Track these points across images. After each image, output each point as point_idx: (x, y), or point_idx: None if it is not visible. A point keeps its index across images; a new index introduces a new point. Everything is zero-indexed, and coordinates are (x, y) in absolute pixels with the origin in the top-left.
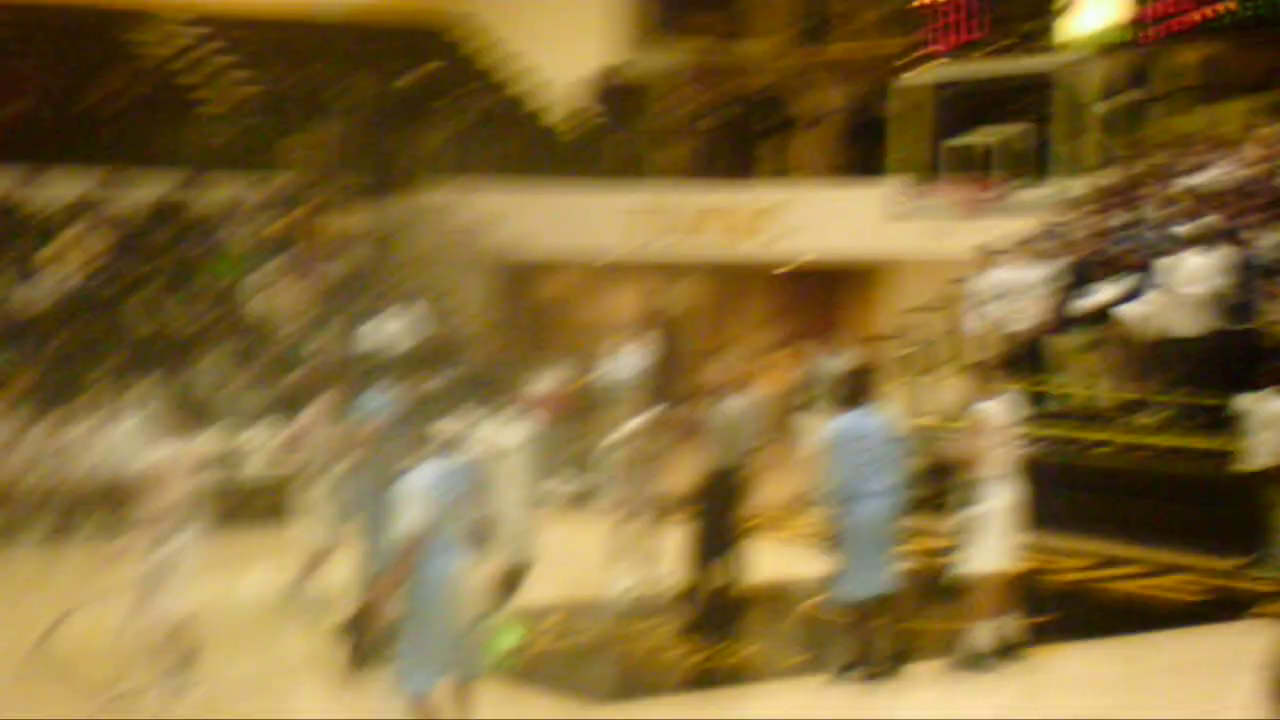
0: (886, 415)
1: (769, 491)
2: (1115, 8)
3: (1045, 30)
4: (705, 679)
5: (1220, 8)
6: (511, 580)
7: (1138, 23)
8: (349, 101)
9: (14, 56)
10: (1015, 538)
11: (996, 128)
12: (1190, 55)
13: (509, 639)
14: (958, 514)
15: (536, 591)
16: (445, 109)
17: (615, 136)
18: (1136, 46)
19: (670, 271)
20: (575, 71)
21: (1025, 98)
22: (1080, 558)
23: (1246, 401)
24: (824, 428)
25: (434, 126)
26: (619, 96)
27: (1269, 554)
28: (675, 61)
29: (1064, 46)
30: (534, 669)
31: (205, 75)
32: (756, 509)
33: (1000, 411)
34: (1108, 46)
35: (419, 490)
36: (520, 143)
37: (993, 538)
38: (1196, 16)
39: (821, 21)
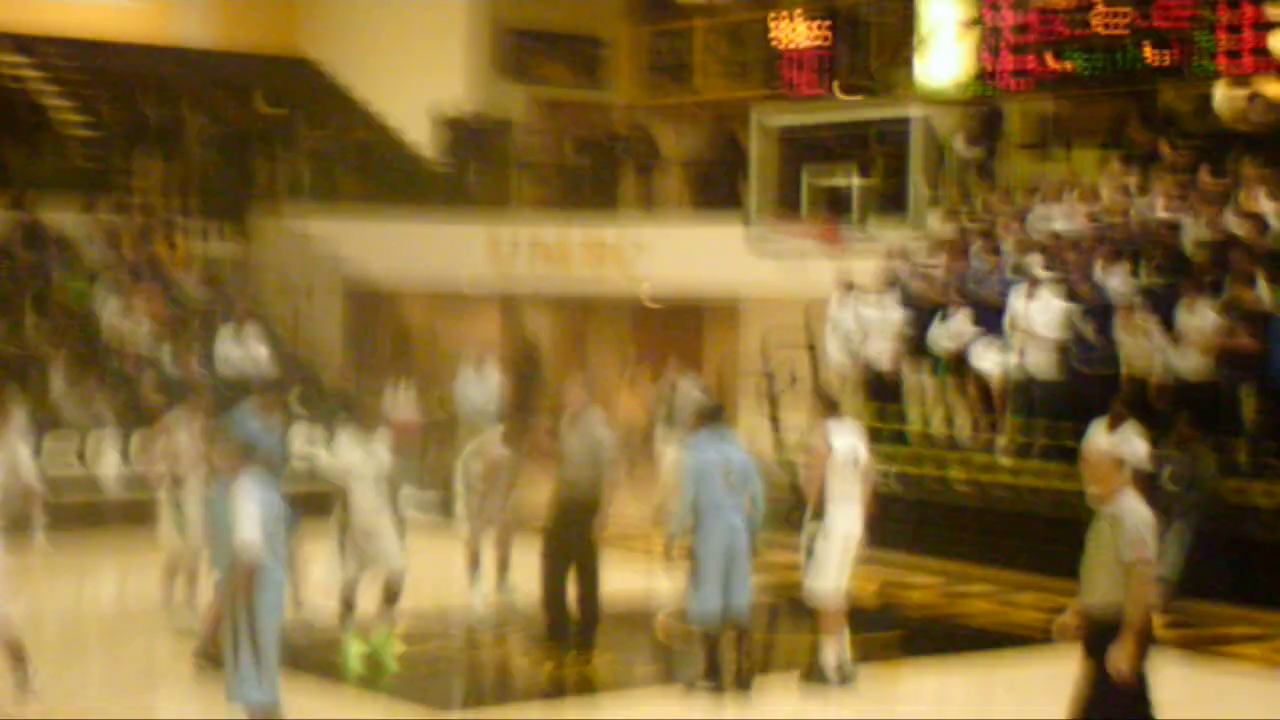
0: (739, 441)
1: (625, 509)
2: (968, 60)
3: (903, 78)
4: (557, 689)
5: (1066, 65)
6: (390, 591)
7: (990, 74)
8: (208, 126)
9: None
10: (853, 560)
11: (854, 170)
12: (1041, 106)
13: (389, 650)
14: (802, 536)
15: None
16: (304, 136)
17: (474, 169)
18: (989, 96)
19: (530, 301)
20: (431, 105)
21: (884, 141)
22: (933, 579)
23: (1100, 438)
24: (680, 450)
25: (293, 153)
26: (476, 131)
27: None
28: (531, 100)
29: (921, 94)
30: (387, 678)
31: (51, 94)
32: (612, 524)
33: (839, 437)
34: (963, 95)
35: (252, 504)
36: (379, 172)
37: (834, 559)
38: (1047, 68)
39: (677, 65)
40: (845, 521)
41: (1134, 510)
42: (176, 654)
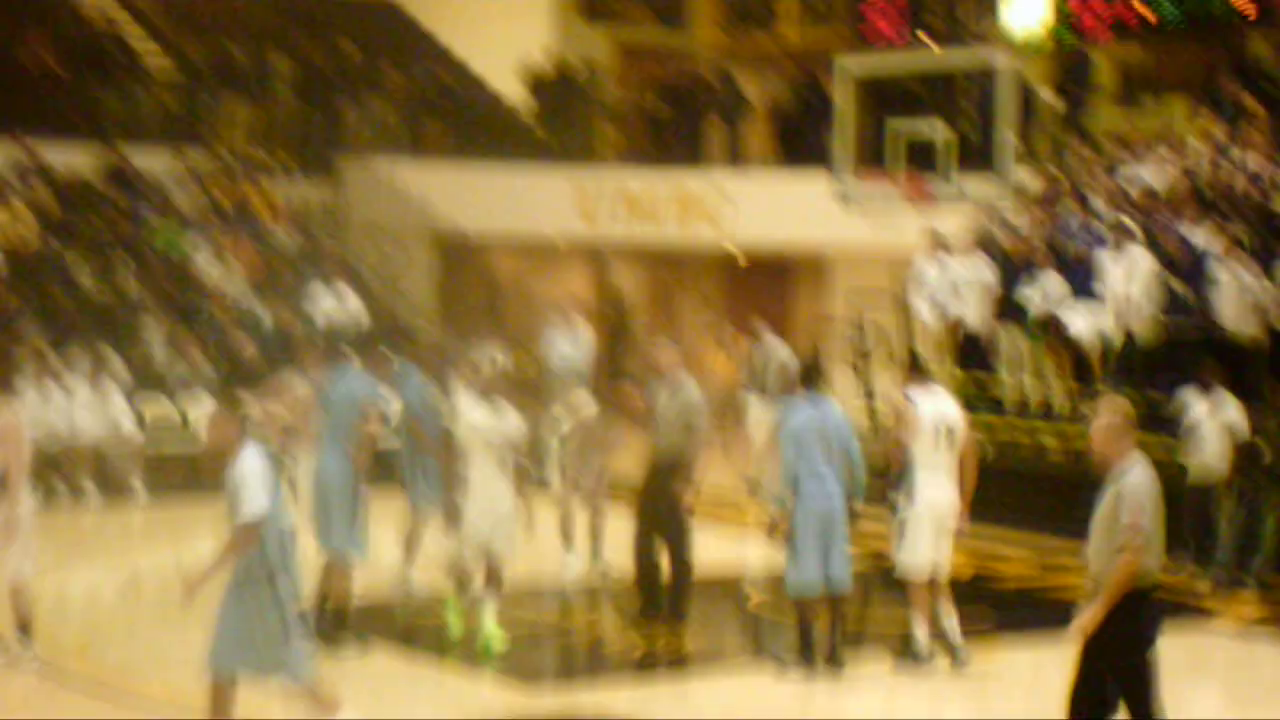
0: (837, 404)
1: (715, 475)
2: (1055, 7)
3: (990, 24)
4: (650, 665)
5: (1154, 13)
6: (495, 571)
7: (1079, 20)
8: (293, 73)
9: None
10: (948, 533)
11: (940, 121)
12: (1131, 53)
13: (495, 636)
14: (894, 510)
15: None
16: (390, 82)
17: (560, 118)
18: (1079, 43)
19: (617, 254)
20: (515, 54)
21: (970, 91)
22: (1026, 558)
23: (1196, 410)
24: (774, 415)
25: (379, 99)
26: (560, 79)
27: (1217, 560)
28: (613, 45)
29: (1008, 42)
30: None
31: (139, 36)
32: (702, 492)
33: (927, 404)
34: (1050, 44)
35: (256, 472)
36: (465, 120)
37: (923, 532)
38: (1136, 16)
39: (760, 8)
40: (932, 492)
41: (1140, 478)
42: None
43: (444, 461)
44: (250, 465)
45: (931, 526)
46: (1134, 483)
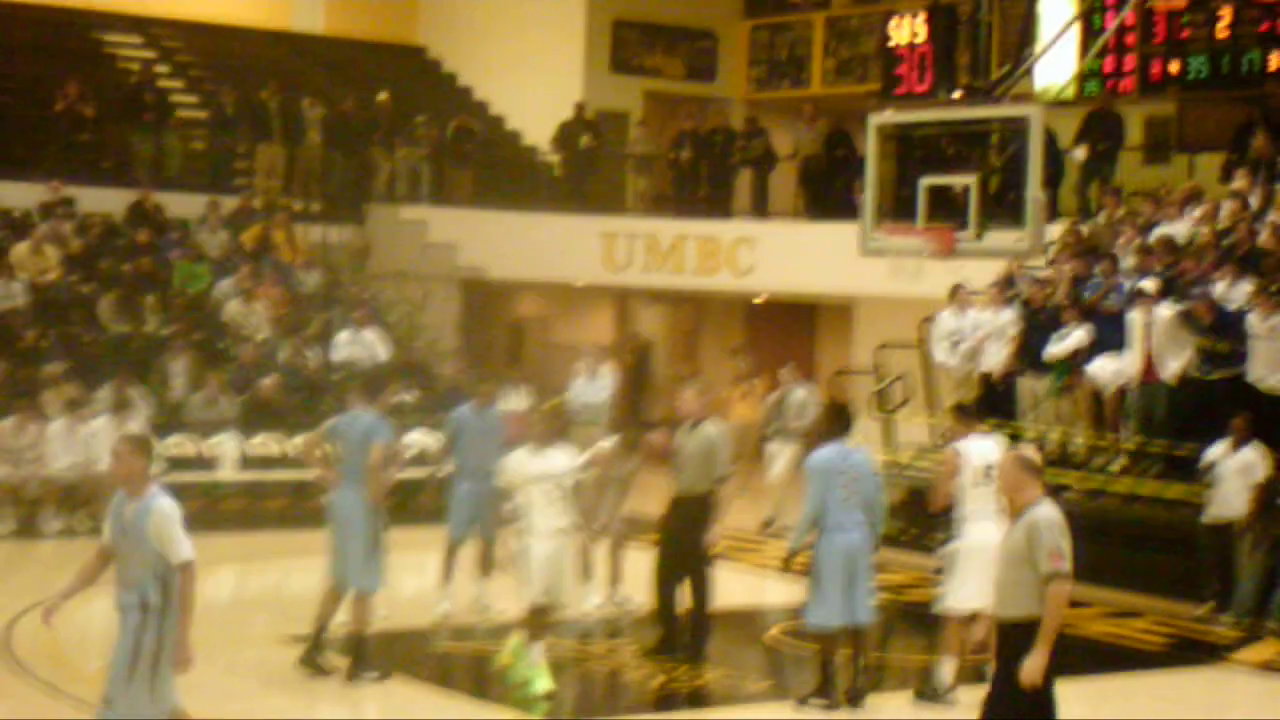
0: (864, 449)
1: (737, 518)
2: (1086, 62)
3: (1017, 77)
4: (668, 701)
5: (1186, 69)
6: (538, 620)
7: (1108, 75)
8: (323, 115)
9: None
10: (976, 579)
11: (970, 173)
12: (1161, 109)
13: (539, 683)
14: (940, 550)
15: (502, 608)
16: (419, 128)
17: (588, 164)
18: (1108, 98)
19: (643, 298)
20: (545, 104)
21: (1001, 144)
22: None
23: (1215, 452)
24: (796, 458)
25: (409, 144)
26: (589, 127)
27: (1235, 601)
28: (643, 95)
29: (1038, 97)
30: (496, 684)
31: (175, 85)
32: (724, 534)
33: (980, 450)
34: (1080, 99)
35: (175, 511)
36: (493, 165)
37: (970, 577)
38: (1166, 71)
39: (786, 64)
40: (981, 532)
41: (1050, 520)
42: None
43: (500, 512)
44: (166, 503)
45: (980, 565)
46: (1046, 515)
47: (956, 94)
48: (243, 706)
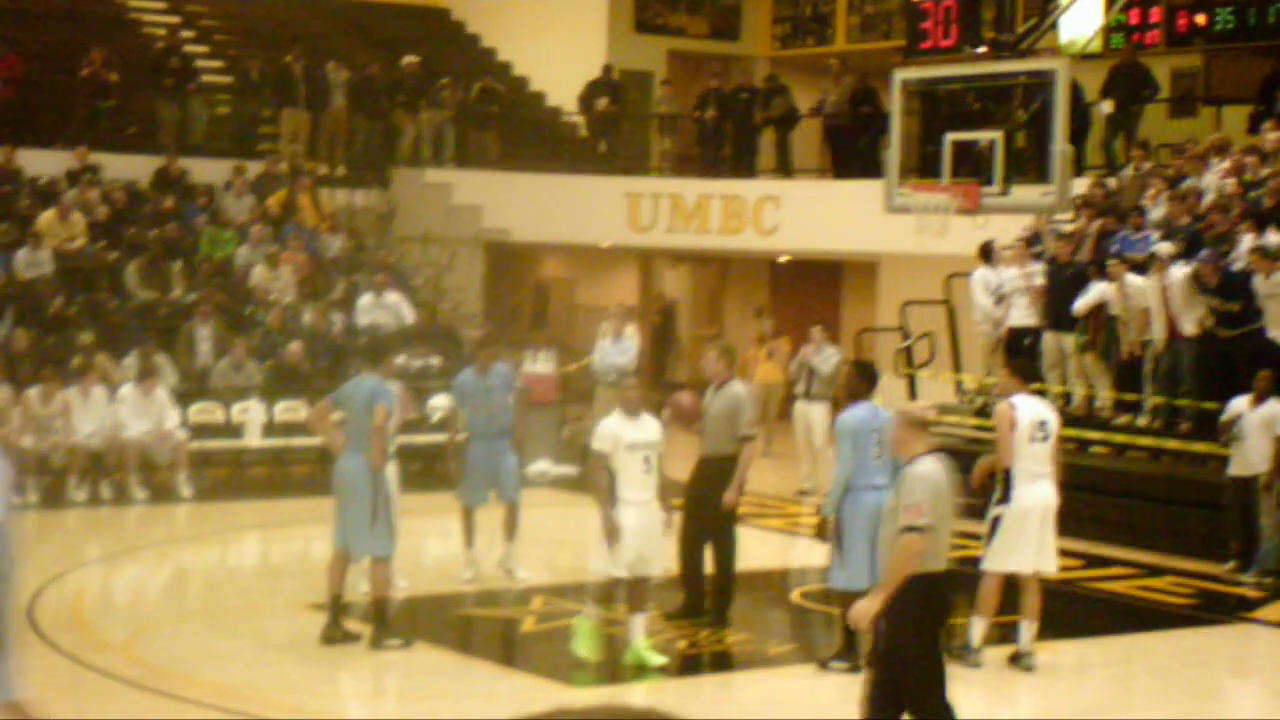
0: (890, 410)
1: (760, 480)
2: (1112, 12)
3: (1042, 31)
4: (691, 665)
5: (1211, 20)
6: (643, 588)
7: (1134, 28)
8: (348, 79)
9: (8, 24)
10: (1051, 537)
11: (995, 128)
12: (1187, 62)
13: (649, 652)
14: (986, 511)
15: (525, 574)
16: (443, 91)
17: (612, 125)
18: (1134, 51)
19: (668, 259)
20: (569, 64)
21: (1026, 98)
22: (1070, 557)
23: (1238, 406)
24: (825, 418)
25: (433, 107)
26: (614, 88)
27: (1259, 560)
28: (667, 55)
29: (1064, 50)
30: (521, 650)
31: (200, 51)
32: (747, 496)
33: (1032, 407)
34: (1106, 50)
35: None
36: (518, 127)
37: (1019, 537)
38: (1193, 22)
39: (810, 20)
40: (1034, 498)
41: (924, 475)
42: (305, 624)
43: (597, 480)
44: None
45: (1031, 524)
46: (918, 472)
47: (982, 49)
48: (269, 673)
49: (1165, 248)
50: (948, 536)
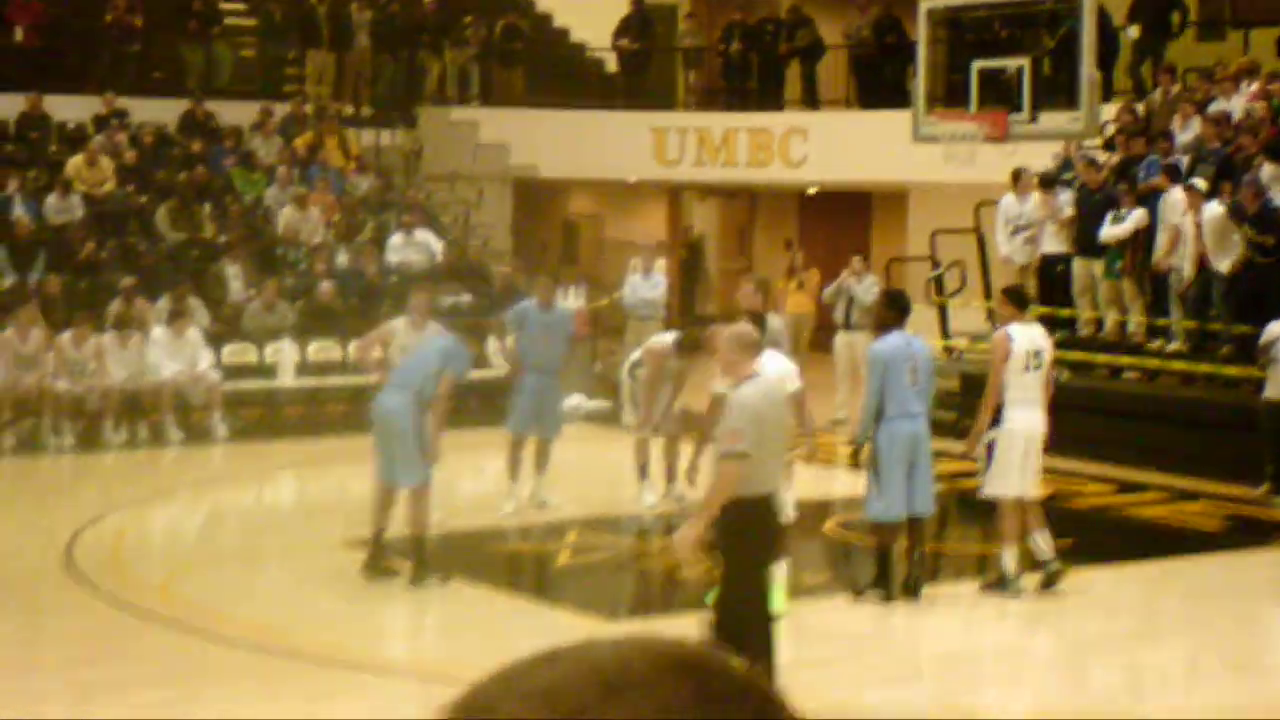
0: (921, 339)
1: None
2: None
3: None
4: None
5: None
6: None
7: None
8: (371, 19)
9: None
10: (1037, 463)
11: (1023, 55)
12: None
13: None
14: (983, 438)
15: (561, 508)
16: (467, 29)
17: (638, 59)
18: None
19: (696, 193)
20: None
21: (1051, 23)
22: (1102, 483)
23: (1273, 329)
24: (865, 349)
25: (458, 46)
26: (638, 21)
27: None
28: None
29: None
30: (556, 584)
31: None
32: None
33: (1028, 335)
34: None
35: None
36: (542, 64)
37: (1014, 463)
38: None
39: None
40: (1022, 416)
41: (745, 400)
42: (344, 561)
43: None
44: None
45: (1022, 448)
46: (740, 396)
47: None
48: (310, 611)
49: (1199, 180)
50: (776, 460)
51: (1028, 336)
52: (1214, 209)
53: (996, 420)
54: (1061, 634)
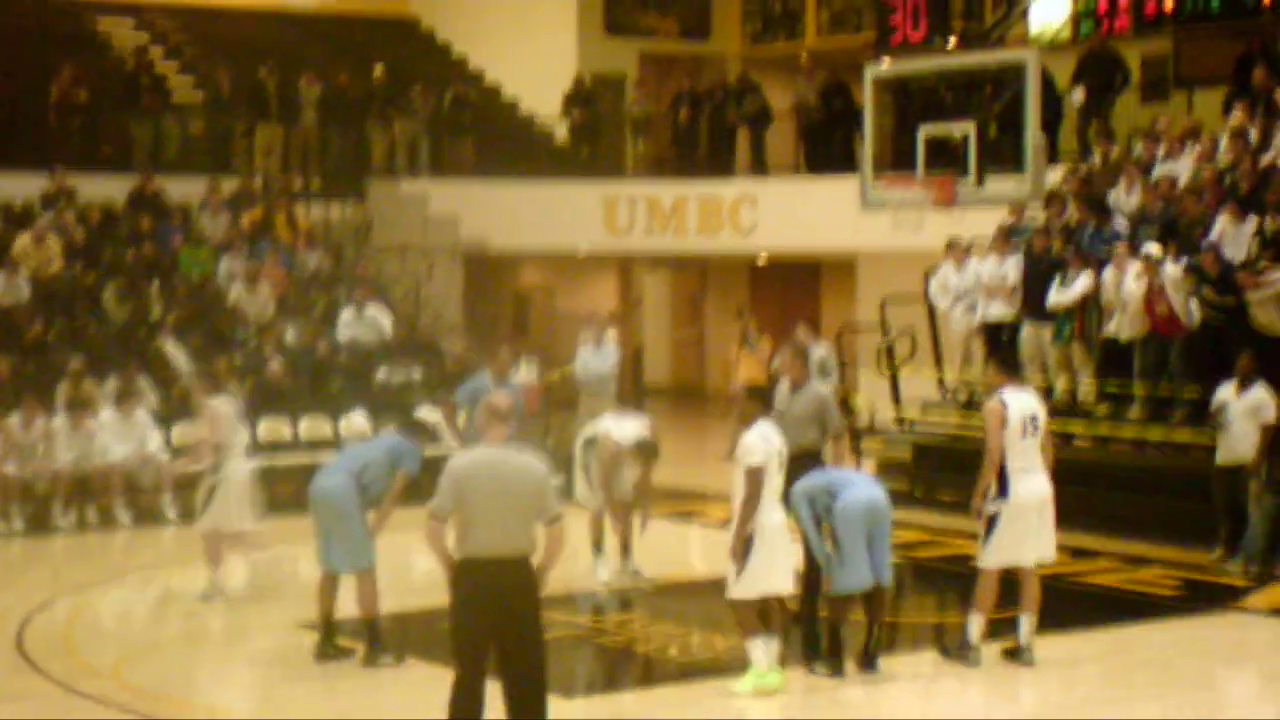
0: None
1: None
2: (1081, 1)
3: (1012, 21)
4: (683, 672)
5: (1180, 4)
6: (777, 610)
7: (1102, 14)
8: (319, 94)
9: None
10: (1047, 524)
11: (968, 121)
12: (1157, 47)
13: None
14: (984, 507)
15: None
16: (415, 102)
17: (587, 130)
18: (1103, 38)
19: (647, 263)
20: (540, 70)
21: (996, 88)
22: (1057, 550)
23: (1224, 393)
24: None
25: (407, 119)
26: (587, 92)
27: (1245, 548)
28: (639, 57)
29: (1033, 38)
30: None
31: (171, 68)
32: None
33: (1022, 402)
34: (1075, 37)
35: None
36: (492, 136)
37: (1012, 533)
38: (1159, 7)
39: (780, 17)
40: (1030, 493)
41: (452, 464)
42: (296, 644)
43: (748, 498)
44: None
45: (1029, 519)
46: (450, 460)
47: (952, 41)
48: (262, 694)
49: (1153, 247)
50: (500, 522)
51: (1021, 402)
52: (1171, 269)
53: (1001, 493)
54: (1019, 703)
